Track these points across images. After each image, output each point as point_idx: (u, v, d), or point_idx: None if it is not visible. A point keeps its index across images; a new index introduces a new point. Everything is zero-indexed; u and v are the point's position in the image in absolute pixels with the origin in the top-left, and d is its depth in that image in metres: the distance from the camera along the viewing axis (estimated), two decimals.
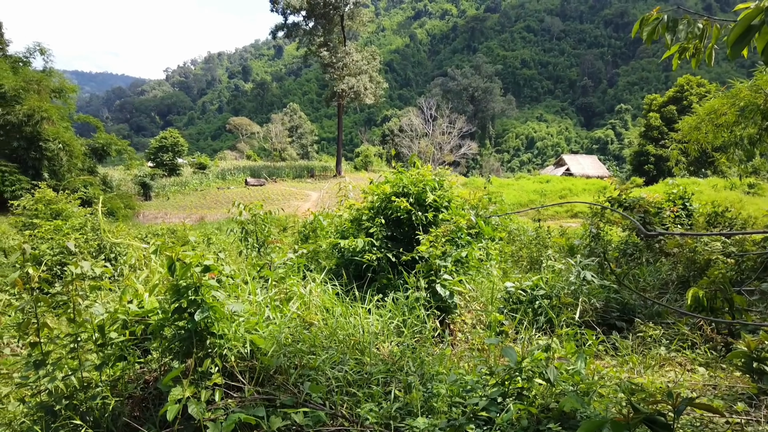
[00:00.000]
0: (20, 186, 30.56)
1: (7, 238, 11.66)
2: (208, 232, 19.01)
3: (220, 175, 66.10)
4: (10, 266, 8.43)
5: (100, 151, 39.86)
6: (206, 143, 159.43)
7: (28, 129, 31.10)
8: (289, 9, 61.34)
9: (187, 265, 3.45)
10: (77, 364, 3.57)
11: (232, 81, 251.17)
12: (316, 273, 6.41)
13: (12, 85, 31.05)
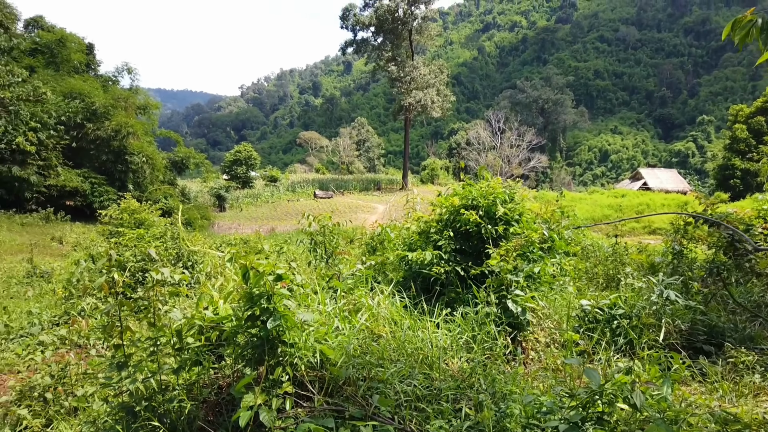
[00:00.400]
0: (107, 197, 32.62)
1: (95, 245, 12.43)
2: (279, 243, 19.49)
3: (290, 188, 67.93)
4: (97, 272, 8.97)
5: (180, 164, 42.04)
6: (277, 157, 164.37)
7: (115, 143, 33.25)
8: (359, 25, 62.63)
9: (260, 273, 3.52)
10: (156, 367, 3.70)
11: (302, 96, 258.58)
12: (384, 285, 6.38)
13: (102, 102, 33.34)
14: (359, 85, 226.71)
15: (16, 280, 11.74)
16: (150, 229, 10.86)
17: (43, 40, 37.66)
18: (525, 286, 5.81)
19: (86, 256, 10.23)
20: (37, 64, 35.39)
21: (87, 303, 7.10)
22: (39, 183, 30.18)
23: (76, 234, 25.09)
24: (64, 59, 37.38)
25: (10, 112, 28.88)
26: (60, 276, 10.81)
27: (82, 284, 7.91)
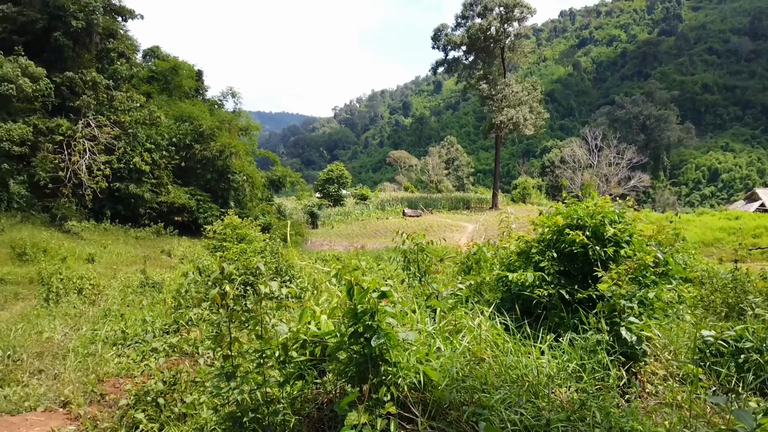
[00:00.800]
0: (211, 213, 34.66)
1: (200, 258, 13.17)
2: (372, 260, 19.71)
3: (379, 206, 68.88)
4: (204, 283, 9.46)
5: (277, 182, 44.02)
6: (367, 175, 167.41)
7: (219, 163, 35.40)
8: (450, 45, 62.91)
9: (364, 290, 3.49)
10: (262, 379, 3.76)
11: (393, 116, 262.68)
12: (481, 306, 6.17)
13: (209, 125, 35.72)
14: (449, 104, 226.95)
15: (131, 290, 12.68)
16: (251, 243, 11.33)
17: (159, 68, 41.09)
18: (640, 313, 5.38)
19: (193, 268, 10.81)
20: (153, 90, 38.61)
21: (194, 313, 7.48)
22: (152, 200, 32.67)
23: (183, 248, 26.80)
24: (177, 85, 40.54)
25: (129, 135, 31.64)
26: (169, 287, 11.55)
27: (189, 295, 8.35)
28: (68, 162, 28.95)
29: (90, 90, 30.43)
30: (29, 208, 28.61)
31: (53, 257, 20.86)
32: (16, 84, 25.96)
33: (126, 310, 9.25)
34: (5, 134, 25.71)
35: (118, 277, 15.67)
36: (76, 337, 7.83)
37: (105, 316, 8.88)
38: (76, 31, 30.58)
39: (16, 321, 9.84)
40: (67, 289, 12.32)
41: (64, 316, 10.25)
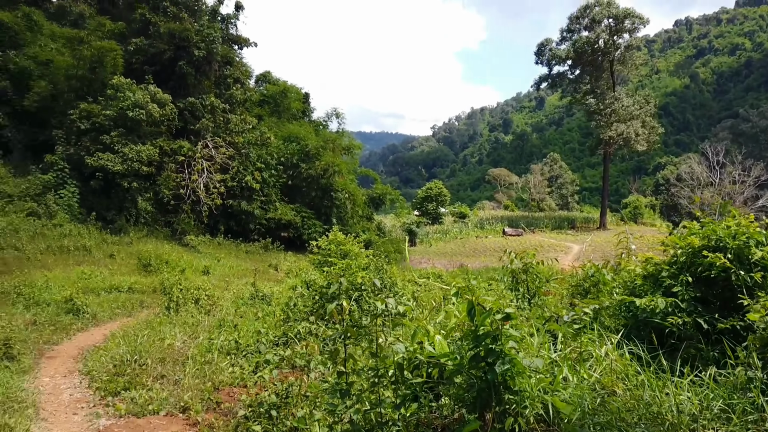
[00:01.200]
0: (315, 229, 35.84)
1: (306, 273, 13.53)
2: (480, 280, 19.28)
3: (478, 225, 67.78)
4: (310, 298, 9.63)
5: (377, 200, 44.77)
6: (465, 194, 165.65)
7: (323, 181, 36.63)
8: (555, 59, 61.15)
9: (487, 311, 3.26)
10: (377, 399, 3.63)
11: (492, 134, 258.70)
12: (606, 333, 5.67)
13: (314, 144, 37.16)
14: (552, 121, 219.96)
15: (242, 301, 13.28)
16: (356, 259, 11.44)
17: (270, 92, 43.49)
18: None
19: (300, 282, 11.06)
20: (264, 113, 40.89)
21: (302, 326, 7.61)
22: (261, 216, 34.40)
23: (289, 262, 27.86)
24: (285, 107, 42.68)
25: (242, 155, 33.65)
26: (278, 300, 11.94)
27: (297, 309, 8.52)
28: (188, 180, 31.29)
29: (209, 114, 32.80)
30: (154, 223, 31.14)
31: (174, 269, 22.48)
32: (146, 109, 28.55)
33: (239, 321, 9.62)
34: (136, 155, 28.26)
35: (231, 289, 16.51)
36: (194, 345, 8.23)
37: (220, 326, 9.31)
38: (198, 59, 33.17)
39: (141, 327, 10.58)
40: (185, 299, 13.11)
41: (183, 325, 10.87)
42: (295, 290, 8.93)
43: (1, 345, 7.65)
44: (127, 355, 7.49)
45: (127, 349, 7.74)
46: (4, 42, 31.50)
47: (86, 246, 24.86)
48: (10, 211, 26.29)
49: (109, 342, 9.28)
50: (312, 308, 8.51)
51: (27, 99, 30.09)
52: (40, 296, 14.16)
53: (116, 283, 17.85)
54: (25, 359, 8.07)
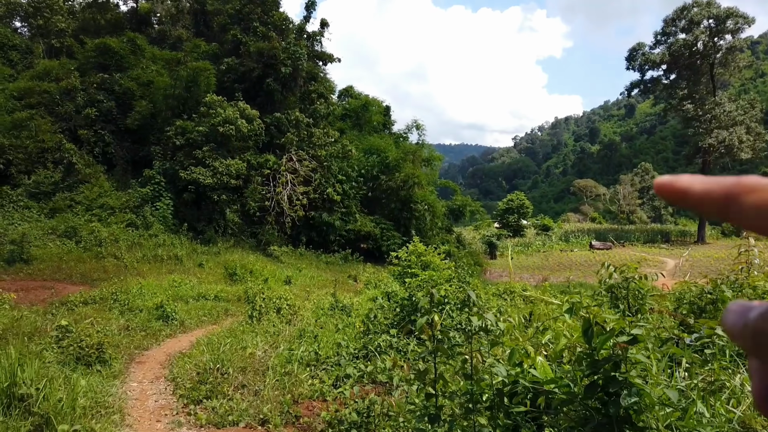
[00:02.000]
0: (393, 241, 35.70)
1: (385, 284, 13.29)
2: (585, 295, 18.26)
3: (563, 238, 65.15)
4: (390, 309, 9.33)
5: (457, 211, 44.09)
6: (548, 206, 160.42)
7: (403, 193, 36.52)
8: (648, 64, 57.99)
9: (607, 332, 2.77)
10: (471, 427, 3.23)
11: (577, 144, 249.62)
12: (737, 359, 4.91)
13: (394, 156, 37.19)
14: (642, 129, 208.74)
15: (322, 311, 13.23)
16: (440, 271, 11.04)
17: (351, 106, 44.19)
18: None
19: (380, 293, 10.79)
20: (346, 126, 41.53)
21: (383, 339, 7.31)
22: (341, 227, 34.77)
23: (368, 273, 27.82)
24: (367, 120, 43.17)
25: (324, 168, 34.25)
26: (357, 311, 11.77)
27: (378, 321, 8.25)
28: (273, 193, 32.24)
29: (293, 128, 33.73)
30: (240, 233, 32.28)
31: (257, 278, 23.05)
32: (235, 125, 29.77)
33: (319, 331, 9.49)
34: (225, 169, 29.48)
35: (311, 299, 16.56)
36: (275, 355, 8.16)
37: (300, 336, 9.22)
38: (284, 76, 34.28)
39: (225, 335, 10.72)
40: (268, 308, 13.24)
41: (264, 333, 10.91)
42: (376, 302, 8.66)
43: (95, 349, 7.95)
44: (210, 363, 7.52)
45: (210, 357, 7.78)
46: (110, 66, 34.11)
47: (178, 255, 26.11)
48: (112, 222, 28.18)
49: (194, 349, 9.44)
50: (393, 321, 8.19)
51: (129, 118, 32.36)
52: (134, 302, 14.85)
53: (204, 291, 18.47)
54: (116, 364, 8.35)
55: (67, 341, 8.14)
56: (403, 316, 8.00)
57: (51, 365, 7.72)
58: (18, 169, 28.83)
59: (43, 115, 30.92)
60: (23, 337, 10.51)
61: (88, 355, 7.89)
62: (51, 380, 6.15)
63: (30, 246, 22.26)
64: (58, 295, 16.96)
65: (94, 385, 6.89)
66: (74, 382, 6.33)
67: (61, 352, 8.18)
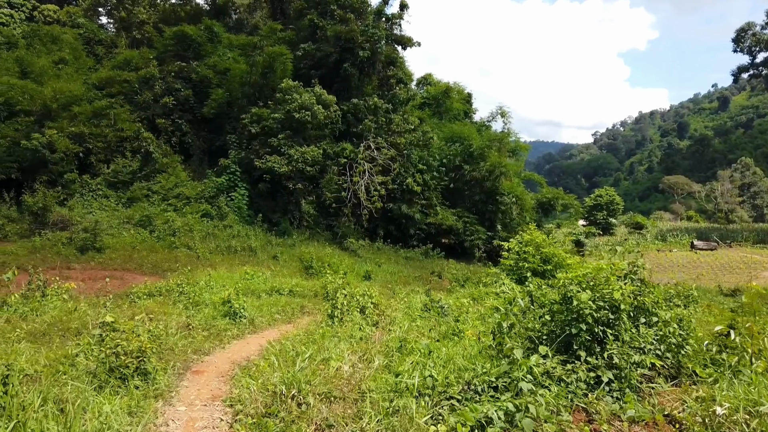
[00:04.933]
0: (477, 236, 33.00)
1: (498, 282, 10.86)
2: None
3: (659, 237, 59.66)
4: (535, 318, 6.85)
5: (546, 205, 40.50)
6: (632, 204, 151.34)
7: (488, 184, 33.67)
8: (759, 45, 51.84)
9: None
10: None
11: (664, 139, 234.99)
12: None
13: (479, 144, 34.39)
14: (738, 123, 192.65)
15: (418, 314, 10.94)
16: (569, 268, 8.43)
17: (431, 94, 41.70)
18: None
19: (522, 294, 8.27)
20: (425, 116, 39.11)
21: (535, 362, 4.86)
22: (421, 220, 32.43)
23: (455, 269, 25.37)
24: (447, 108, 40.55)
25: (404, 156, 32.02)
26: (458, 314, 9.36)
27: (518, 333, 5.81)
28: (350, 183, 30.41)
29: (371, 114, 31.74)
30: (316, 226, 30.72)
31: (335, 272, 21.18)
32: (311, 110, 28.12)
33: (434, 345, 7.11)
34: (301, 157, 27.91)
35: (397, 297, 14.34)
36: (369, 374, 5.94)
37: (400, 349, 6.93)
38: (362, 60, 32.34)
39: (302, 340, 8.67)
40: (350, 307, 11.13)
41: (349, 339, 8.78)
42: (513, 305, 6.19)
43: (133, 358, 6.04)
44: (283, 385, 5.39)
45: (282, 377, 5.66)
46: (188, 54, 33.55)
47: (252, 247, 24.78)
48: (187, 212, 27.35)
49: (264, 360, 7.37)
50: (540, 333, 5.72)
51: (206, 106, 31.58)
52: (201, 296, 13.23)
53: (277, 285, 16.74)
54: (160, 377, 6.41)
55: (102, 345, 6.28)
56: (556, 327, 5.57)
57: (77, 377, 5.87)
58: (97, 158, 28.62)
59: (122, 104, 30.68)
60: (68, 334, 8.92)
61: (125, 366, 5.99)
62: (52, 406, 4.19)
63: (103, 234, 21.49)
64: (125, 285, 15.73)
65: (120, 410, 4.92)
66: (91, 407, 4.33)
67: (99, 358, 6.35)
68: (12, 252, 18.96)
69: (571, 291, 5.54)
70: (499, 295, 9.51)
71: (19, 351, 7.44)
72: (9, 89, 26.94)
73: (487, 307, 9.22)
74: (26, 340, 8.45)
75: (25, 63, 30.05)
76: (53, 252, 19.57)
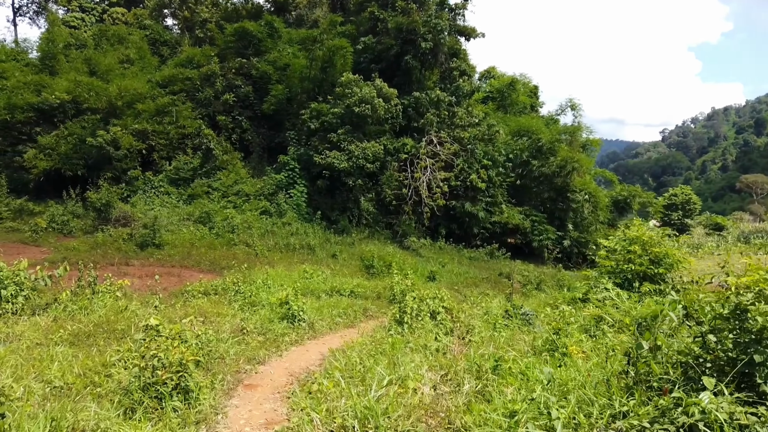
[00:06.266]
0: (547, 236, 30.91)
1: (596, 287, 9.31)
2: None
3: (741, 238, 55.02)
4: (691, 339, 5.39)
5: (622, 203, 37.67)
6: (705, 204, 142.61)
7: (559, 180, 31.48)
8: None
9: None
10: None
11: (740, 136, 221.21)
12: None
13: (548, 138, 32.25)
14: None
15: (499, 323, 9.53)
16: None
17: (495, 87, 39.78)
18: None
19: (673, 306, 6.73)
20: (488, 110, 37.25)
21: (710, 404, 3.44)
22: (485, 219, 30.71)
23: (526, 271, 23.64)
24: (512, 101, 38.51)
25: (468, 151, 30.41)
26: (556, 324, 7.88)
27: (665, 359, 4.34)
28: (411, 179, 29.13)
29: (433, 107, 30.35)
30: (375, 224, 29.62)
31: (397, 272, 19.98)
32: (372, 104, 27.05)
33: (550, 367, 5.73)
34: (361, 152, 26.91)
35: (469, 301, 12.93)
36: (460, 402, 4.65)
37: (496, 369, 5.59)
38: (424, 52, 30.97)
39: (369, 350, 7.46)
40: (421, 312, 9.86)
41: (423, 349, 7.52)
42: (656, 320, 4.68)
43: (172, 373, 4.99)
44: (355, 420, 4.18)
45: (353, 406, 4.46)
46: (248, 50, 33.29)
47: (310, 245, 23.98)
48: (246, 209, 26.94)
49: (327, 376, 6.20)
50: (706, 361, 4.17)
51: (265, 103, 31.18)
52: (257, 295, 12.31)
53: (338, 285, 15.69)
54: (204, 396, 5.34)
55: (140, 354, 5.28)
56: (726, 351, 4.06)
57: (110, 392, 4.89)
58: (160, 155, 28.72)
59: (183, 101, 30.73)
60: (113, 336, 8.10)
61: (162, 382, 4.95)
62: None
63: (162, 230, 21.20)
64: (181, 282, 15.10)
65: None
66: None
67: (132, 372, 5.36)
68: (74, 248, 18.85)
69: (744, 303, 4.04)
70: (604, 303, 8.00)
71: (54, 356, 6.62)
72: (76, 86, 27.36)
73: (587, 317, 7.73)
74: (68, 341, 7.69)
75: (93, 62, 30.59)
76: (114, 248, 19.35)
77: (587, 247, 32.28)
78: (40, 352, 6.79)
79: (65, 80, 27.81)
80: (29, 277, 9.94)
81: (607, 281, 8.98)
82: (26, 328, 8.22)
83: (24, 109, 26.46)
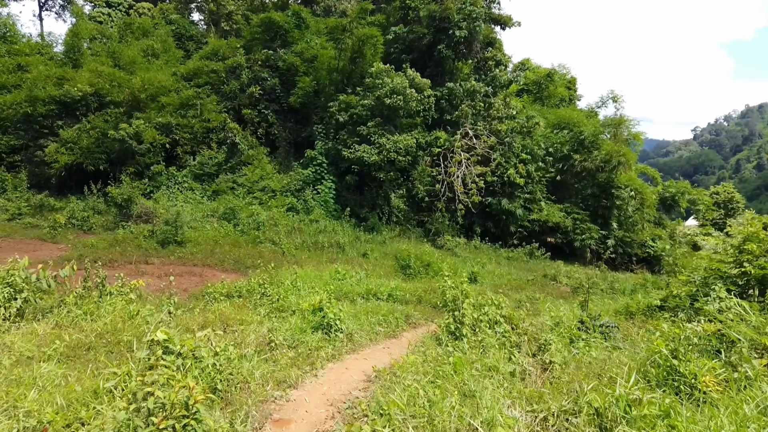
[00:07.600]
0: (589, 235, 29.00)
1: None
2: None
3: None
4: None
5: (669, 200, 35.39)
6: None
7: (602, 176, 29.47)
8: None
9: None
10: None
11: None
12: None
13: (591, 131, 30.28)
14: None
15: (575, 336, 7.95)
16: None
17: (530, 80, 37.88)
18: None
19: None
20: (524, 102, 35.42)
21: None
22: (524, 217, 28.95)
23: (573, 273, 21.87)
24: (549, 94, 36.59)
25: (505, 145, 28.68)
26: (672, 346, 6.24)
27: None
28: (444, 175, 27.57)
29: (468, 99, 28.70)
30: (406, 222, 28.14)
31: (435, 273, 18.46)
32: (404, 95, 25.56)
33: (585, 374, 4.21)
34: (393, 146, 25.45)
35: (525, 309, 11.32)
36: None
37: (629, 417, 4.05)
38: (458, 41, 29.35)
39: (426, 371, 5.97)
40: (479, 322, 8.34)
41: (493, 372, 6.01)
42: None
43: (174, 419, 3.57)
44: None
45: None
46: (275, 42, 32.10)
47: (340, 243, 22.60)
48: (272, 205, 25.76)
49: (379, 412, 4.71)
50: None
51: (292, 95, 29.96)
52: (286, 299, 10.93)
53: (373, 288, 14.22)
54: None
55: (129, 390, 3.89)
56: None
57: None
58: (184, 150, 27.68)
59: (208, 94, 29.66)
60: (116, 350, 6.76)
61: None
62: None
63: (185, 227, 20.03)
64: (203, 282, 13.83)
65: None
66: None
67: (127, 410, 3.96)
68: (92, 245, 17.78)
69: None
70: (718, 319, 6.38)
71: (39, 378, 5.29)
72: (97, 76, 26.46)
73: (702, 334, 6.10)
74: (63, 356, 6.38)
75: (117, 54, 29.73)
76: (134, 245, 18.23)
77: (632, 247, 30.26)
78: (22, 372, 5.47)
79: (87, 71, 26.95)
80: (30, 277, 8.69)
81: (720, 288, 7.31)
82: (18, 337, 6.96)
83: (46, 101, 25.65)
